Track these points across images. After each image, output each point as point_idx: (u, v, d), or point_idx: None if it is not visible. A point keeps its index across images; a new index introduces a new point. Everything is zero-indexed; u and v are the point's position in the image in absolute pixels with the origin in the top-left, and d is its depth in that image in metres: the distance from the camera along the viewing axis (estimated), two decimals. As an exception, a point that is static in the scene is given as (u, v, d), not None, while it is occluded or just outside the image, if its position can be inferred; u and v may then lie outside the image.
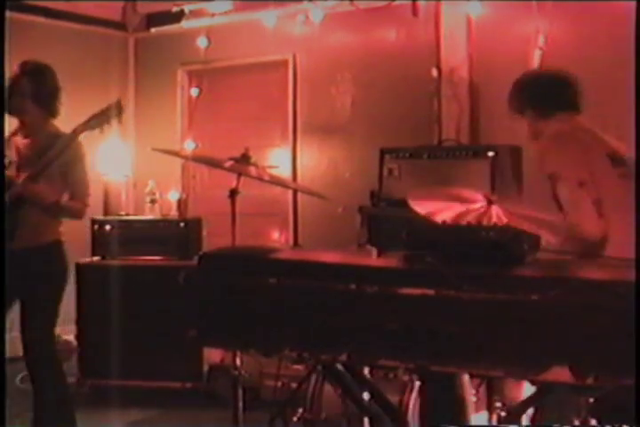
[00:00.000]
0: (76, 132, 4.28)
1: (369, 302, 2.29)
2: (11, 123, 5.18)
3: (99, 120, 4.24)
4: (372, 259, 2.56)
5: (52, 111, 4.59)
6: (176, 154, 6.66)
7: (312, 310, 2.35)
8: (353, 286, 2.29)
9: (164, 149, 5.35)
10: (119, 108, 4.31)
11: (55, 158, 4.26)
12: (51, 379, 4.54)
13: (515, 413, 2.97)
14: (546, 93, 3.97)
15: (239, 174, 4.27)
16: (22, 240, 4.31)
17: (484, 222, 2.63)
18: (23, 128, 4.59)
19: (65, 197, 4.51)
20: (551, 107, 3.94)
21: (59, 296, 4.51)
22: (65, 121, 6.42)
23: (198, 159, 5.84)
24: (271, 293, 2.39)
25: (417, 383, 3.64)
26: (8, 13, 6.85)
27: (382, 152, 5.59)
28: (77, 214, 4.58)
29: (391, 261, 2.46)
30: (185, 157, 7.04)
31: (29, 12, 7.04)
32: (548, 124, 3.92)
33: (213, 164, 4.77)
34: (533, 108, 3.97)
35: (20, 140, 4.57)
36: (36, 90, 4.47)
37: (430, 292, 2.25)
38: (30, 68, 4.49)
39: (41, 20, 7.13)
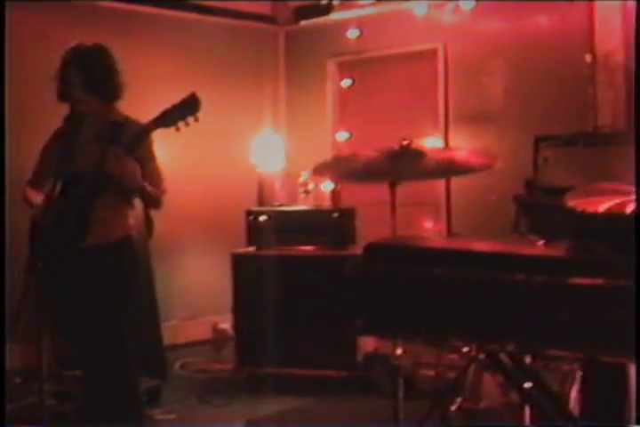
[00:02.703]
0: (147, 129, 4.00)
1: (537, 292, 2.27)
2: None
3: (172, 116, 3.92)
4: (540, 248, 2.54)
5: (107, 97, 4.24)
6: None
7: (479, 299, 2.34)
8: (521, 276, 2.28)
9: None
10: (194, 103, 3.94)
11: (133, 146, 3.99)
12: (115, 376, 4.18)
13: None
14: None
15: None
16: (93, 237, 4.07)
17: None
18: (76, 116, 4.27)
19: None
20: None
21: (128, 293, 4.23)
22: (219, 113, 6.61)
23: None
24: (438, 283, 2.39)
25: (579, 373, 3.60)
26: (163, 11, 7.09)
27: (537, 140, 5.52)
28: (159, 201, 4.25)
29: (559, 250, 2.44)
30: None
31: (183, 9, 7.21)
32: None
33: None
34: None
35: (73, 129, 4.27)
36: (85, 77, 4.14)
37: (600, 281, 2.22)
38: (78, 55, 4.17)
39: (194, 16, 7.29)
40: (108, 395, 4.13)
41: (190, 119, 3.93)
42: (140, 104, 4.33)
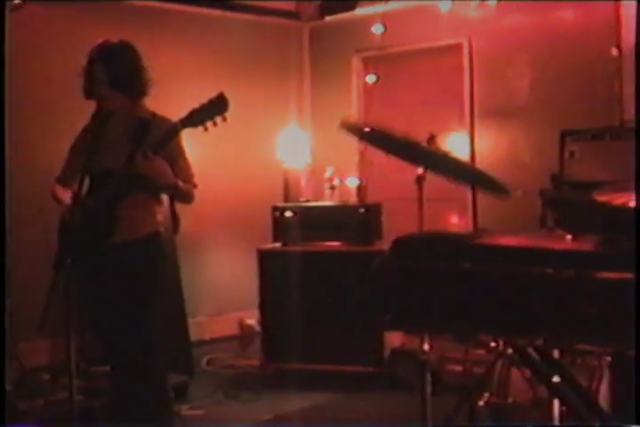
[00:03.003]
0: (175, 129, 3.99)
1: (566, 287, 2.26)
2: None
3: (200, 116, 3.90)
4: (568, 243, 2.52)
5: (133, 94, 4.24)
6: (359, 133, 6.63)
7: (507, 294, 2.33)
8: (549, 271, 2.27)
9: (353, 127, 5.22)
10: (223, 103, 3.91)
11: (160, 146, 3.99)
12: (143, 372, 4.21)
13: None
14: None
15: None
16: (121, 234, 4.10)
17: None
18: (103, 113, 4.26)
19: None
20: None
21: (155, 290, 4.25)
22: (245, 110, 6.61)
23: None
24: (465, 277, 2.38)
25: (607, 368, 3.59)
26: (188, 8, 7.12)
27: (563, 134, 5.49)
28: (192, 196, 4.27)
29: (587, 244, 2.42)
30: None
31: (208, 6, 7.23)
32: None
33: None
34: None
35: (100, 126, 4.26)
36: (111, 74, 4.14)
37: (628, 275, 2.21)
38: (103, 52, 4.17)
39: (219, 13, 7.31)
40: (136, 391, 4.15)
41: (218, 119, 3.93)
42: (165, 100, 4.36)
